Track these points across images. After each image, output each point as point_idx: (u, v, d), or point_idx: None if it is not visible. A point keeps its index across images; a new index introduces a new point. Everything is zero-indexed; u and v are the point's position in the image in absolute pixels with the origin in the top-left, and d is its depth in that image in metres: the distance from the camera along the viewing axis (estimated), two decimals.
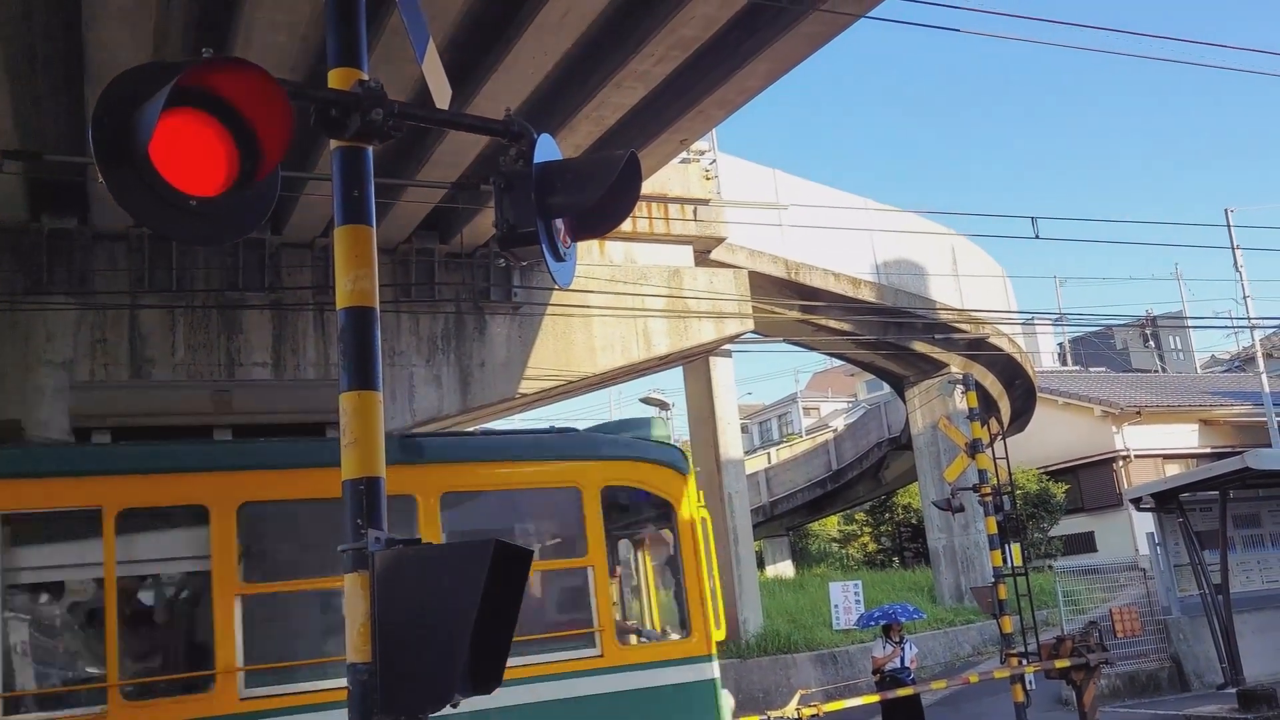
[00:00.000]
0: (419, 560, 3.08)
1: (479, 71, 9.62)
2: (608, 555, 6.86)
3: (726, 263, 16.66)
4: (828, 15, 8.86)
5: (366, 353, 3.24)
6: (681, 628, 7.21)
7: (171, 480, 5.92)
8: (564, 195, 3.56)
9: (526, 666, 6.12)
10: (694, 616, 7.10)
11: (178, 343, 12.21)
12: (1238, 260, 28.33)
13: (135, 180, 2.77)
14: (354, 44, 3.38)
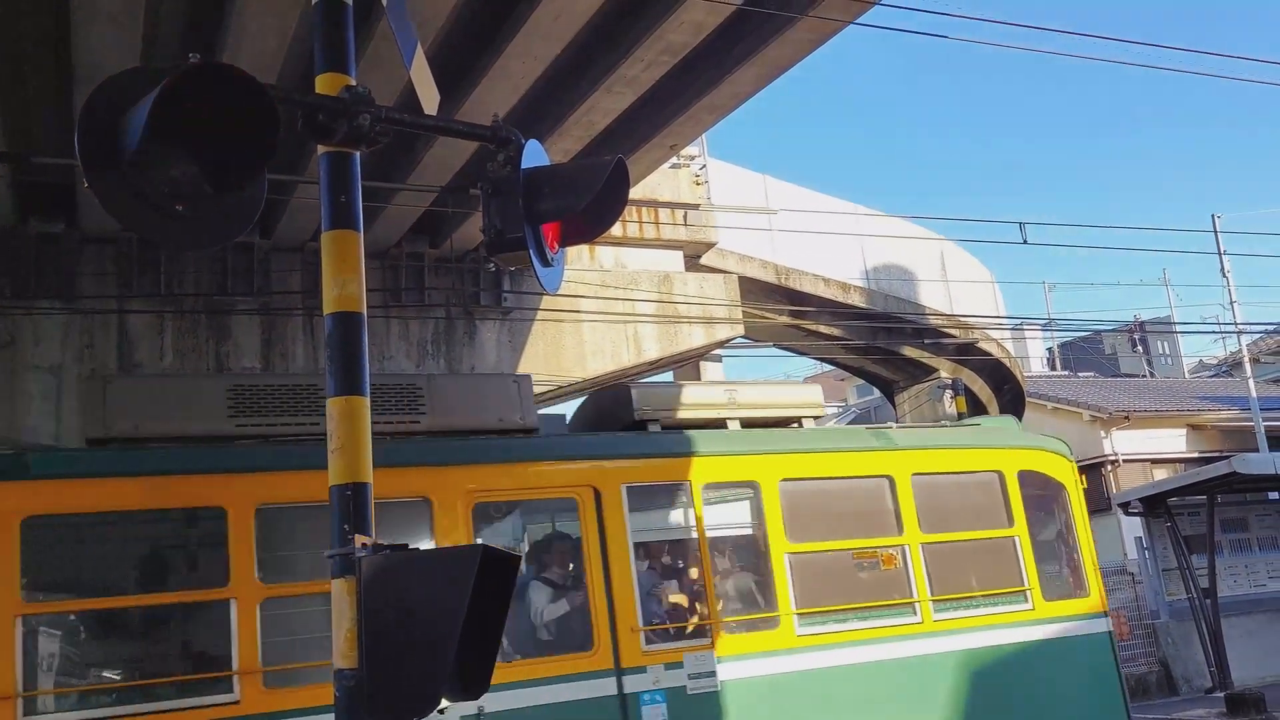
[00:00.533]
0: (406, 565, 3.09)
1: (468, 76, 9.62)
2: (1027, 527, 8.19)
3: (717, 268, 16.68)
4: (816, 21, 8.89)
5: (353, 358, 3.24)
6: (1079, 589, 8.51)
7: None
8: (551, 201, 3.57)
9: (982, 617, 7.72)
10: (1090, 579, 8.54)
11: (166, 347, 12.16)
12: (1224, 266, 28.48)
13: (121, 185, 2.76)
14: (341, 49, 3.39)
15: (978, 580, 8.05)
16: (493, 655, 3.16)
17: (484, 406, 6.82)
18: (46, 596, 5.58)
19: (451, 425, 6.59)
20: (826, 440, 8.38)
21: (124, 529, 5.91)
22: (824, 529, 7.54)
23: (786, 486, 7.26)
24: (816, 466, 7.59)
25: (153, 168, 2.79)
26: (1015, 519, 8.13)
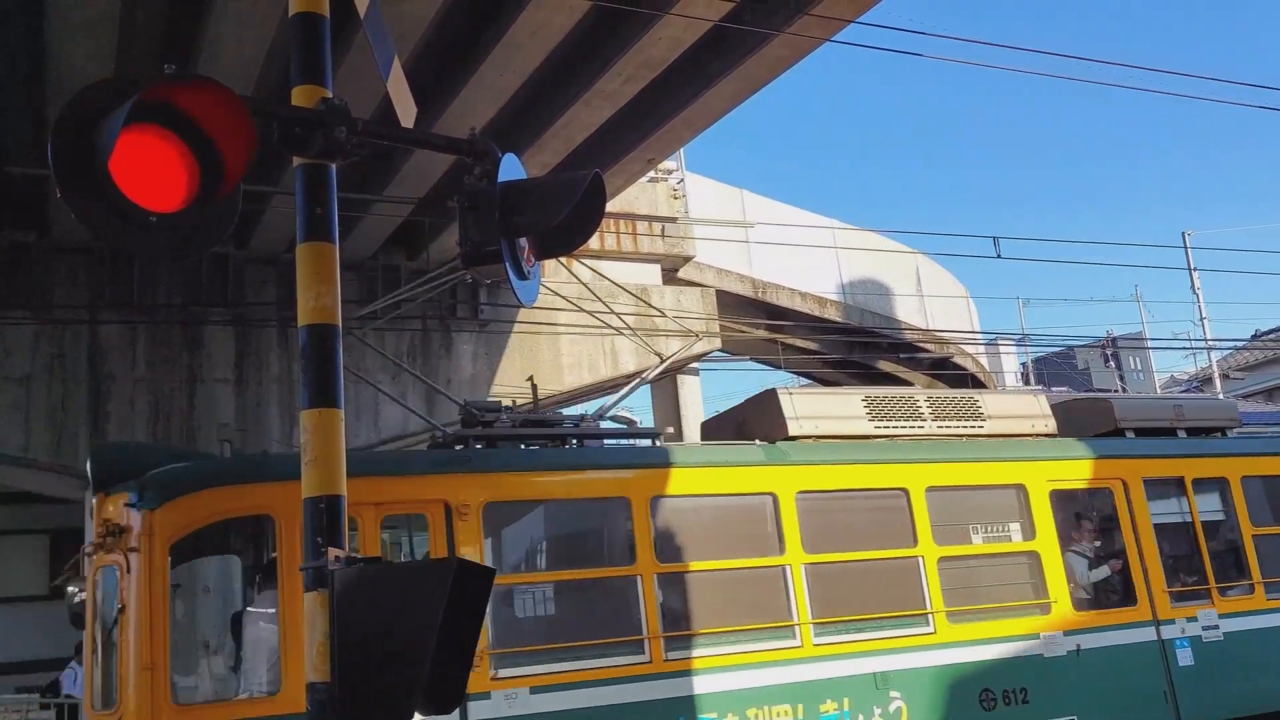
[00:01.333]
0: (380, 579, 3.07)
1: (446, 89, 9.63)
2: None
3: (694, 281, 16.74)
4: (793, 39, 8.97)
5: (328, 370, 3.23)
6: None
7: None
8: (528, 215, 3.58)
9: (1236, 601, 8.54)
10: None
11: (138, 358, 12.06)
12: (1195, 282, 28.87)
13: (95, 196, 2.75)
14: (318, 62, 3.39)
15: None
16: (466, 668, 3.14)
17: (1020, 415, 8.67)
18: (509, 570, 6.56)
19: (1005, 430, 8.43)
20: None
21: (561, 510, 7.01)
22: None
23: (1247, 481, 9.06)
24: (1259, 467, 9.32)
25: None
26: (1240, 519, 9.06)
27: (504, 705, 6.05)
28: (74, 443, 11.65)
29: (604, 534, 6.99)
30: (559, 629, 6.65)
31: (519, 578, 6.68)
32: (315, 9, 3.42)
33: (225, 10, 8.03)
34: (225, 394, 12.33)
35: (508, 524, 6.68)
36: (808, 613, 6.90)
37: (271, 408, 12.48)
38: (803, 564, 6.98)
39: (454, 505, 6.32)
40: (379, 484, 6.23)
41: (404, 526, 6.62)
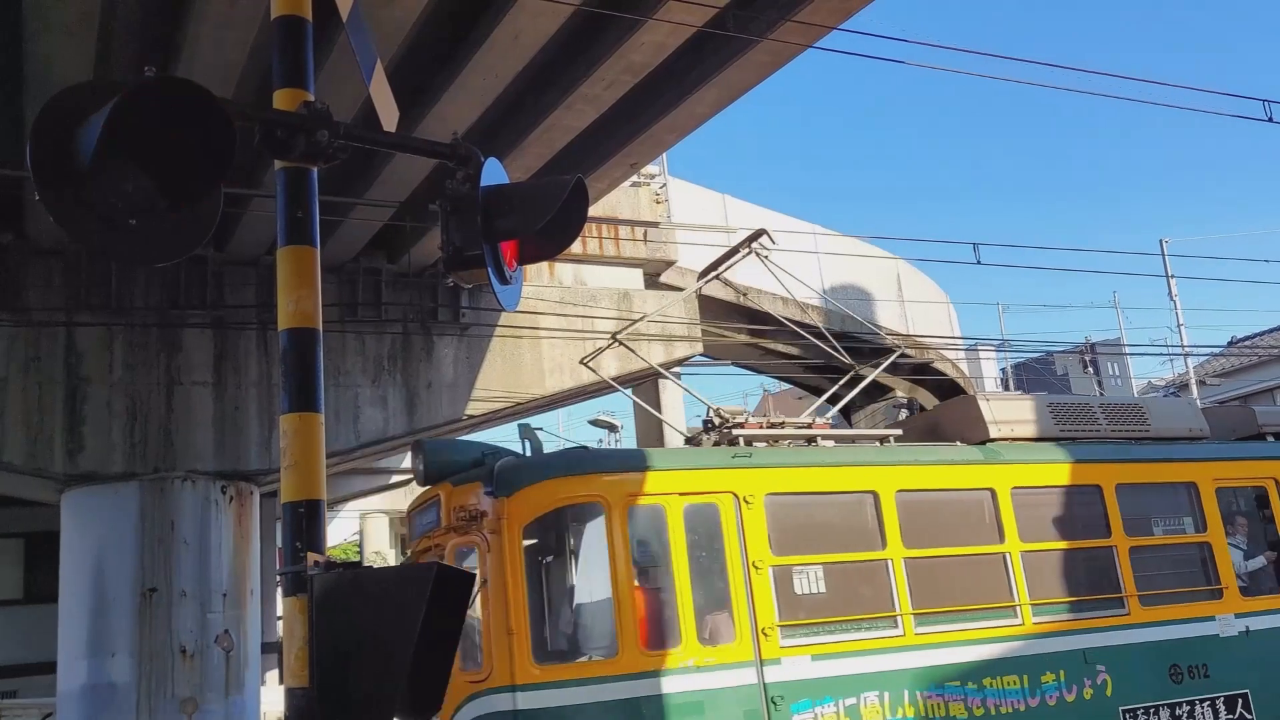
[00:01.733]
0: (359, 584, 3.06)
1: (429, 92, 9.61)
2: None
3: (676, 286, 16.75)
4: (776, 45, 9.00)
5: (308, 374, 3.22)
6: None
7: None
8: (510, 219, 3.58)
9: None
10: None
11: (115, 361, 11.96)
12: (1172, 289, 29.14)
13: (73, 199, 2.73)
14: (300, 65, 3.38)
15: None
16: (446, 674, 3.13)
17: (1178, 420, 9.41)
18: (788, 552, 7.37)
19: (1172, 433, 9.23)
20: None
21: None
22: None
23: None
24: None
25: (106, 181, 2.75)
26: None
27: (791, 670, 7.00)
28: (49, 446, 11.55)
29: (858, 522, 7.85)
30: (827, 605, 7.45)
31: (796, 559, 7.40)
32: (297, 12, 3.41)
33: (205, 12, 7.99)
34: (203, 397, 12.26)
35: (784, 512, 7.50)
36: (1026, 594, 7.85)
37: (250, 411, 12.41)
38: (1019, 551, 7.98)
39: (741, 495, 7.28)
40: (681, 476, 7.26)
41: (701, 514, 7.34)
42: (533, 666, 6.49)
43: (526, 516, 6.76)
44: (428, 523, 7.33)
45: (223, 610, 11.71)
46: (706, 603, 7.05)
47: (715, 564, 7.17)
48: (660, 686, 6.66)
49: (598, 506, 7.01)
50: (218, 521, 11.99)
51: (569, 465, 7.16)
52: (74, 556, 11.65)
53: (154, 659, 11.18)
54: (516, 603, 6.57)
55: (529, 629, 6.55)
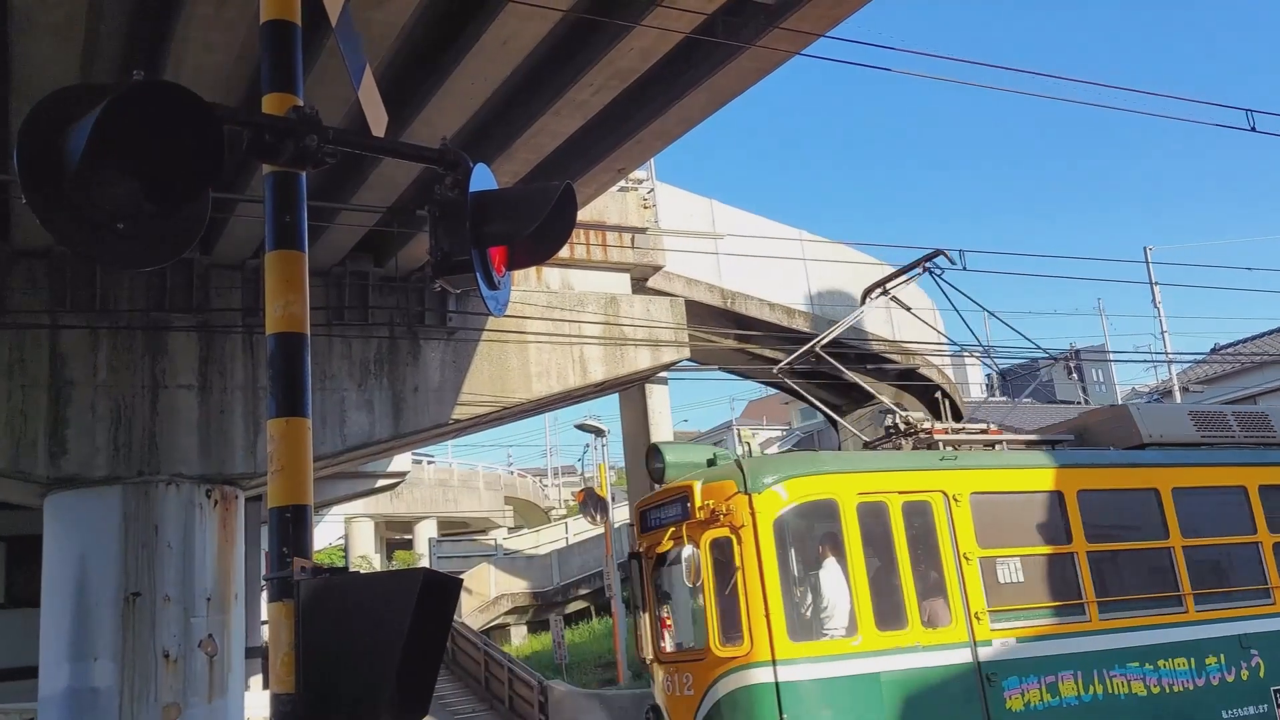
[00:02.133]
0: (345, 589, 3.06)
1: (417, 96, 9.60)
2: None
3: (664, 290, 16.77)
4: (763, 51, 9.03)
5: (296, 379, 3.22)
6: None
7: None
8: (499, 225, 3.58)
9: None
10: None
11: (100, 363, 11.89)
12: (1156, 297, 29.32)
13: (61, 202, 2.72)
14: (289, 70, 3.38)
15: None
16: (433, 679, 3.13)
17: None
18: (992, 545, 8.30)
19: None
20: None
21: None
22: None
23: None
24: None
25: (94, 185, 2.75)
26: None
27: (1000, 650, 7.87)
28: (33, 449, 11.47)
29: (1046, 518, 8.71)
30: (1026, 592, 8.32)
31: (999, 551, 8.29)
32: (286, 16, 3.41)
33: (192, 15, 7.96)
34: (188, 400, 12.20)
35: (985, 509, 8.36)
36: (1188, 585, 8.66)
37: (236, 414, 12.35)
38: (1181, 546, 8.79)
39: (950, 494, 8.20)
40: (899, 477, 8.20)
41: (917, 511, 8.26)
42: (789, 643, 7.39)
43: (775, 511, 7.70)
44: (670, 516, 8.20)
45: (206, 615, 11.64)
46: (925, 589, 7.94)
47: (931, 555, 8.08)
48: (893, 664, 7.57)
49: (833, 503, 7.92)
50: (202, 525, 11.93)
51: (808, 466, 8.14)
52: (57, 560, 11.56)
53: (137, 664, 11.10)
54: (771, 587, 7.47)
55: (781, 609, 7.45)
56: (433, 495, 43.88)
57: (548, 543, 35.44)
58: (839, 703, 7.42)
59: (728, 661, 7.49)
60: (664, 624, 8.70)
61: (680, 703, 7.95)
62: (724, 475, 7.92)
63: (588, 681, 20.37)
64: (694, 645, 8.31)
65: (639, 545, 8.80)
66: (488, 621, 30.77)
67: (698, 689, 7.77)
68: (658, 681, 8.46)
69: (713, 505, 7.73)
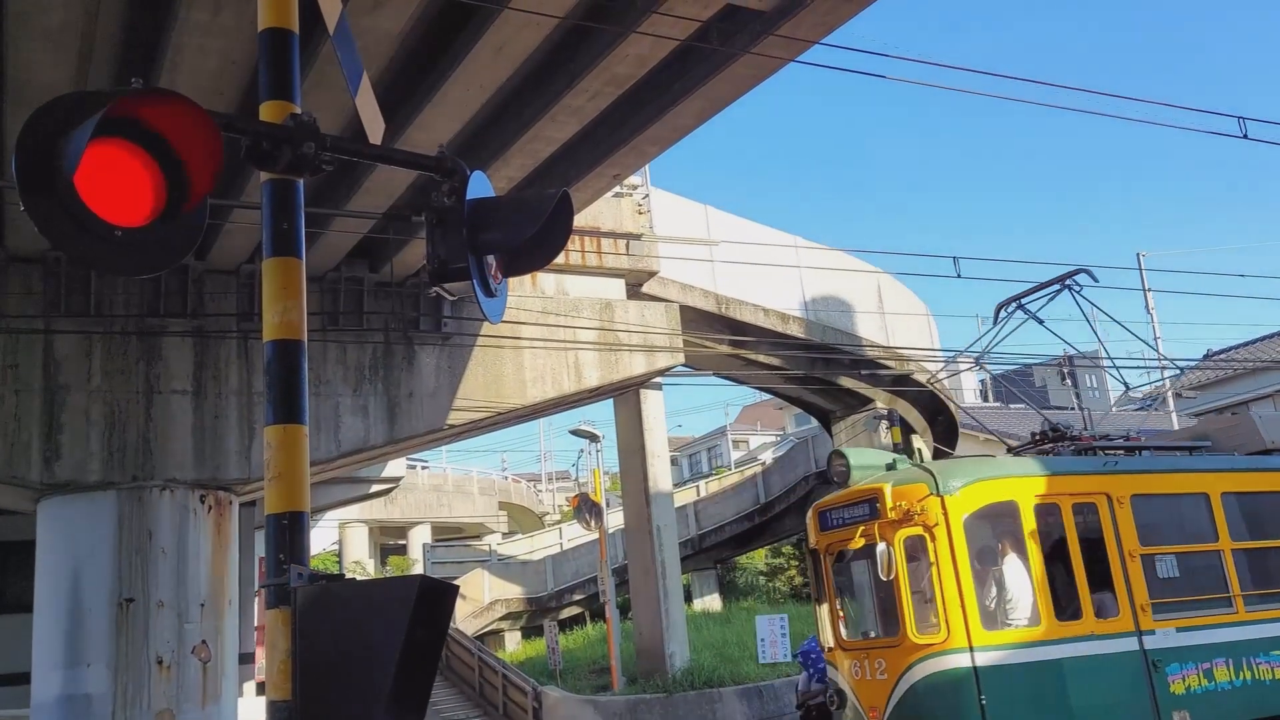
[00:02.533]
0: (342, 596, 3.06)
1: (412, 102, 9.61)
2: None
3: (658, 296, 16.79)
4: (758, 59, 9.06)
5: (293, 385, 3.23)
6: None
7: None
8: (496, 232, 3.59)
9: None
10: None
11: (94, 368, 11.87)
12: (1149, 302, 29.42)
13: (59, 209, 2.73)
14: (287, 77, 3.39)
15: None
16: (428, 686, 3.14)
17: None
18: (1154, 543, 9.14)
19: None
20: None
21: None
22: None
23: None
24: None
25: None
26: None
27: (1163, 640, 8.61)
28: (26, 454, 11.44)
29: (1195, 517, 9.45)
30: (1181, 586, 9.04)
31: (1157, 549, 9.01)
32: (284, 24, 3.42)
33: (188, 21, 7.97)
34: (183, 406, 12.18)
35: (1144, 510, 9.07)
36: None
37: (230, 420, 12.34)
38: None
39: (1114, 496, 8.93)
40: (1069, 480, 9.00)
41: (1085, 511, 9.00)
42: (982, 631, 8.18)
43: (964, 511, 8.46)
44: (856, 515, 8.94)
45: (200, 621, 11.61)
46: (1094, 583, 8.67)
47: (1099, 552, 8.80)
48: (1071, 651, 8.33)
49: (1014, 504, 8.71)
50: (196, 531, 11.90)
51: (990, 471, 9.00)
52: (50, 566, 11.53)
53: (130, 670, 11.07)
54: (965, 580, 8.24)
55: (973, 599, 8.21)
56: (427, 500, 43.83)
57: (542, 548, 35.41)
58: (1027, 686, 8.21)
59: (924, 648, 8.26)
60: (840, 615, 9.45)
61: (871, 686, 8.70)
62: (914, 479, 8.67)
63: (582, 687, 20.33)
64: (882, 634, 9.05)
65: (817, 543, 9.59)
66: (482, 627, 30.73)
67: (891, 673, 8.51)
68: (843, 667, 9.15)
69: (905, 506, 8.46)
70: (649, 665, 19.61)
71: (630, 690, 18.95)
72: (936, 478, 8.52)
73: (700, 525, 32.37)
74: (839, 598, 9.46)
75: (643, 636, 20.05)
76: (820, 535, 9.46)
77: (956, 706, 8.09)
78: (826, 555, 9.48)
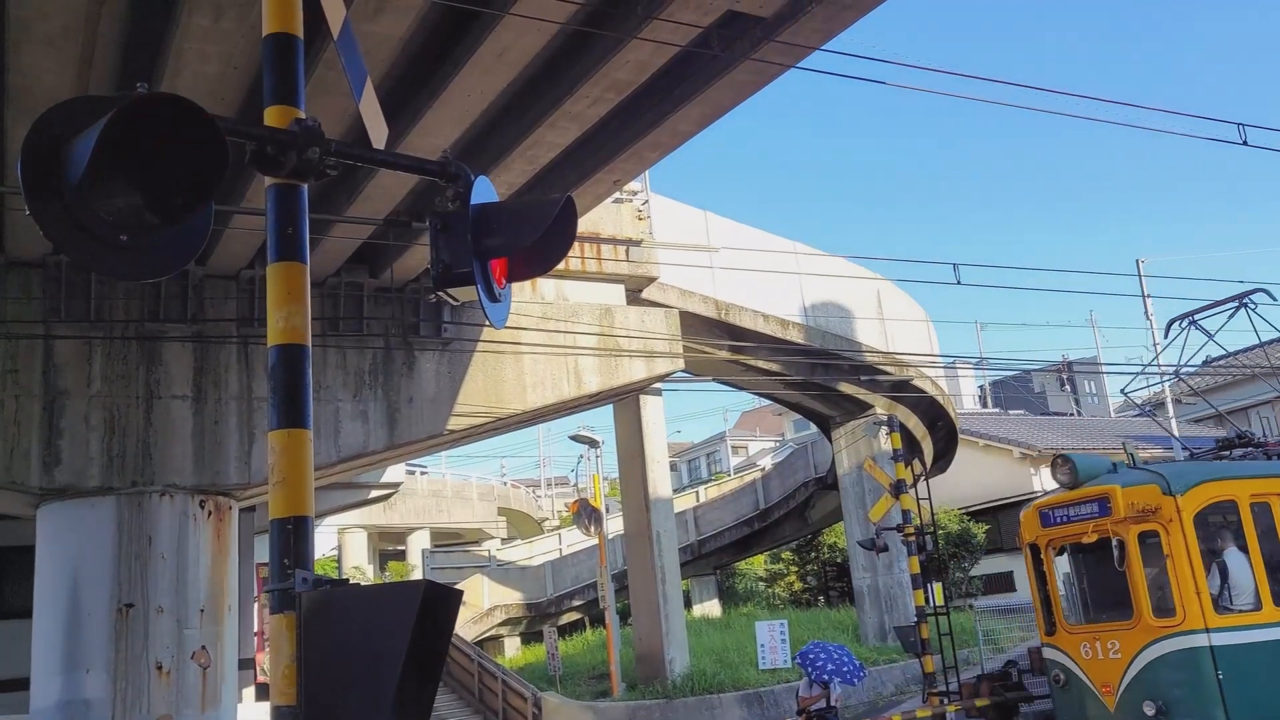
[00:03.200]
0: (347, 601, 3.06)
1: (414, 107, 9.62)
2: None
3: (658, 302, 16.79)
4: (758, 65, 9.07)
5: (297, 390, 3.23)
6: None
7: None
8: (500, 237, 3.60)
9: None
10: None
11: (94, 373, 11.86)
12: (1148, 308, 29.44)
13: (64, 214, 2.73)
14: (291, 82, 3.39)
15: None
16: (433, 691, 3.13)
17: None
18: None
19: None
20: None
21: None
22: None
23: None
24: None
25: (97, 197, 2.75)
26: None
27: None
28: (26, 459, 11.43)
29: None
30: None
31: None
32: (289, 30, 3.43)
33: (189, 27, 7.98)
34: (182, 411, 12.18)
35: None
36: None
37: (230, 425, 12.33)
38: None
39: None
40: (1251, 484, 10.14)
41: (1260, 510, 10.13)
42: (1214, 615, 9.36)
43: (1195, 508, 9.65)
44: (1085, 513, 10.17)
45: (199, 626, 11.59)
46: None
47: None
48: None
49: (1234, 502, 9.94)
50: (195, 536, 11.89)
51: (1213, 473, 10.27)
52: (49, 571, 11.51)
53: (129, 675, 11.04)
54: (1197, 569, 9.42)
55: (1205, 588, 9.38)
56: (426, 506, 43.78)
57: (541, 554, 35.38)
58: (1256, 663, 9.34)
59: (1160, 629, 9.43)
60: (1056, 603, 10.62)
61: (1104, 664, 9.88)
62: (1145, 481, 9.91)
63: (581, 693, 20.31)
64: (1113, 618, 10.11)
65: (1037, 538, 10.80)
66: (481, 633, 30.69)
67: (1126, 652, 9.68)
68: (1070, 649, 10.30)
69: (1139, 504, 9.68)
70: (649, 671, 19.59)
71: (630, 696, 18.92)
72: (1168, 480, 9.78)
73: (700, 531, 32.37)
74: (1060, 586, 10.67)
75: (642, 642, 20.02)
76: (1042, 531, 10.71)
77: (1196, 681, 9.21)
78: (1048, 549, 10.72)
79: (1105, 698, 9.85)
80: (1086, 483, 10.36)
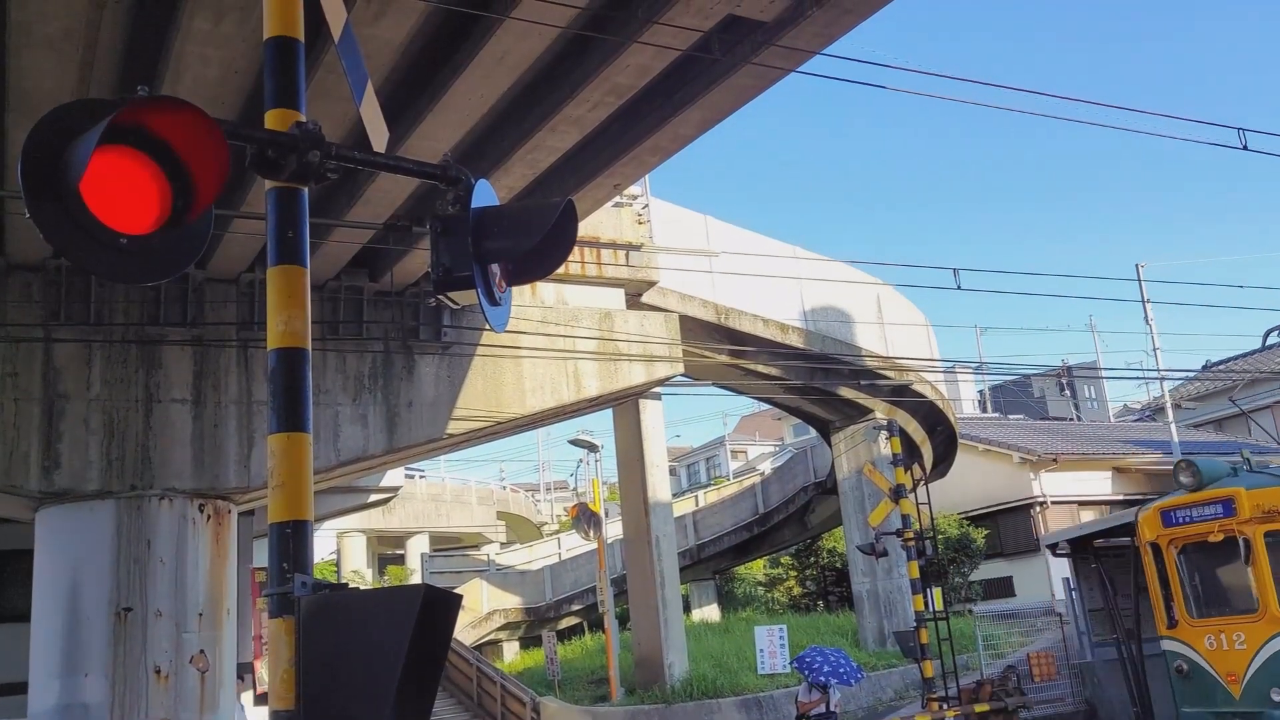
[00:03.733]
0: (346, 605, 3.05)
1: (414, 111, 9.63)
2: None
3: (658, 306, 16.80)
4: (759, 69, 9.08)
5: (297, 394, 3.22)
6: None
7: None
8: (501, 241, 3.59)
9: None
10: None
11: (94, 377, 11.85)
12: (1148, 314, 29.45)
13: (65, 216, 2.72)
14: (292, 86, 3.39)
15: None
16: (432, 695, 3.12)
17: None
18: None
19: None
20: None
21: None
22: None
23: None
24: None
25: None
26: None
27: None
28: (25, 462, 11.41)
29: None
30: None
31: None
32: (290, 33, 3.43)
33: (190, 30, 7.98)
34: (182, 414, 12.17)
35: None
36: None
37: (229, 428, 12.32)
38: None
39: None
40: None
41: None
42: None
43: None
44: (1207, 514, 10.83)
45: (198, 630, 11.57)
46: None
47: None
48: None
49: None
50: (194, 540, 11.87)
51: None
52: (48, 575, 11.49)
53: (128, 679, 11.02)
54: None
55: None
56: (425, 510, 43.76)
57: (540, 558, 35.35)
58: None
59: (1276, 625, 10.17)
60: (1174, 599, 11.28)
61: (1229, 655, 10.52)
62: (1270, 484, 10.70)
63: (580, 698, 20.28)
64: (1239, 611, 10.75)
65: (1158, 538, 11.50)
66: (480, 637, 30.66)
67: (1252, 643, 10.32)
68: (1194, 641, 10.93)
69: (1266, 506, 10.39)
70: (647, 675, 19.57)
71: (629, 701, 18.90)
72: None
73: (699, 535, 32.33)
74: (1182, 583, 11.27)
75: (641, 647, 20.00)
76: (1164, 531, 11.44)
77: None
78: (1170, 547, 11.43)
79: (1230, 686, 10.48)
80: (1209, 485, 11.00)
